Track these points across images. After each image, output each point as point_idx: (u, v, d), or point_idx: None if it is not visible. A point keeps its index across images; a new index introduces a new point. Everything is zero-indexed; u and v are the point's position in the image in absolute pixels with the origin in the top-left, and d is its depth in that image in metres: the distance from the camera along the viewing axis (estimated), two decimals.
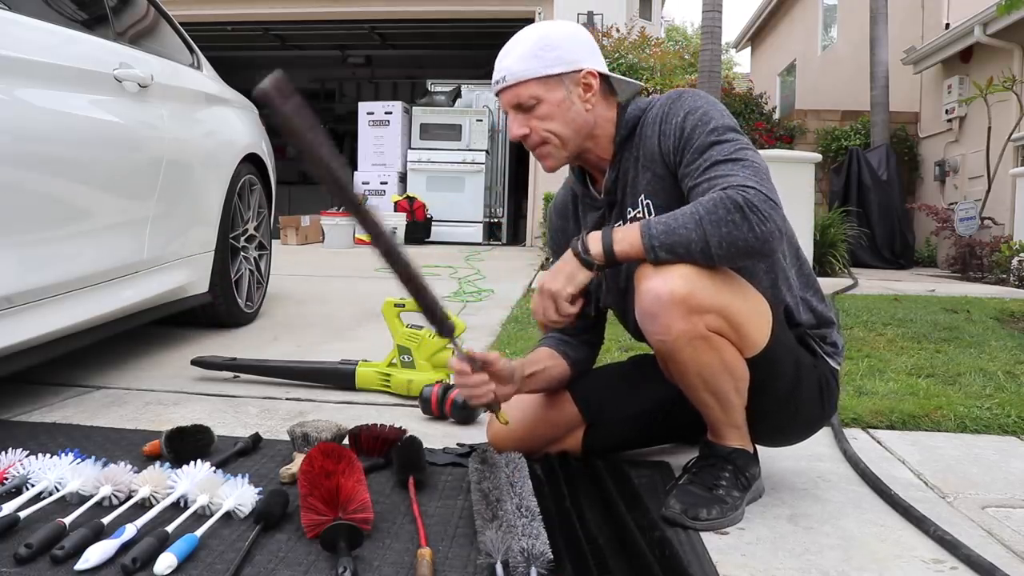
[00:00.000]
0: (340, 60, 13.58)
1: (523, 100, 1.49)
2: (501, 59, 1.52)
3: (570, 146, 1.53)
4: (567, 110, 1.50)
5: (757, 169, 1.37)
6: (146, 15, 3.05)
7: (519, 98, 1.50)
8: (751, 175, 1.34)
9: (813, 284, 1.60)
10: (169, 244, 2.81)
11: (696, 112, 1.45)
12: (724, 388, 1.43)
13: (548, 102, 1.49)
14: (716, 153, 1.39)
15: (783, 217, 1.34)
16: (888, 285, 5.80)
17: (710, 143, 1.41)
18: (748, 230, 1.30)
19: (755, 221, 1.30)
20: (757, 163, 1.38)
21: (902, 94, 9.51)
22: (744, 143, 1.41)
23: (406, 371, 2.37)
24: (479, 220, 10.11)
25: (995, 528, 1.47)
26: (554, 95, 1.49)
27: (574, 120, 1.51)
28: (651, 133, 1.50)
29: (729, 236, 1.30)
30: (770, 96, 11.53)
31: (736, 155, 1.38)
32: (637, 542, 1.26)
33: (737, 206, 1.30)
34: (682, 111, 1.47)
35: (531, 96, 1.49)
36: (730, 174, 1.35)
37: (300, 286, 4.75)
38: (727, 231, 1.30)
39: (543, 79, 1.48)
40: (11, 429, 1.93)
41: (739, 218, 1.29)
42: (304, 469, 1.36)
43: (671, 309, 1.35)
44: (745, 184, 1.32)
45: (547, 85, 1.48)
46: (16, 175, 1.98)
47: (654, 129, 1.50)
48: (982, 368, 2.74)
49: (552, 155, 1.54)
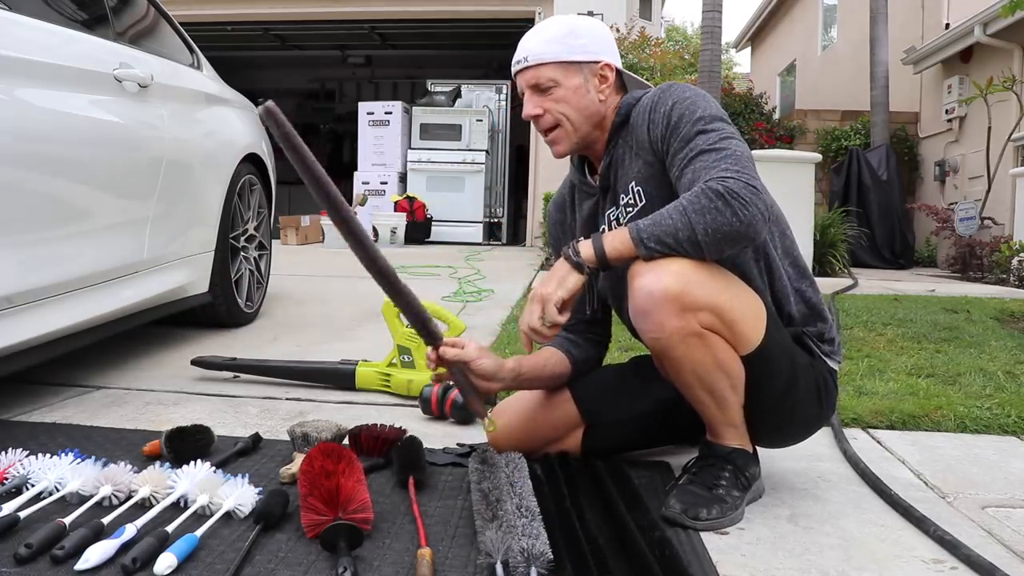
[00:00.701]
0: (340, 60, 13.58)
1: (541, 81, 1.54)
2: (525, 41, 1.57)
3: (580, 132, 1.57)
4: (582, 96, 1.55)
5: (739, 158, 1.39)
6: (146, 15, 3.05)
7: (538, 79, 1.54)
8: (732, 164, 1.37)
9: (807, 275, 1.61)
10: (169, 244, 2.81)
11: (683, 102, 1.48)
12: (719, 385, 1.44)
13: (565, 86, 1.54)
14: (701, 142, 1.42)
15: (765, 202, 1.36)
16: (888, 285, 5.80)
17: (695, 132, 1.44)
18: (732, 215, 1.32)
19: (737, 207, 1.32)
20: (739, 152, 1.40)
21: (902, 94, 9.51)
22: (728, 132, 1.44)
23: (406, 371, 2.37)
24: (479, 220, 10.11)
25: (995, 528, 1.47)
26: (571, 80, 1.54)
27: (587, 107, 1.56)
28: (641, 121, 1.54)
29: (714, 223, 1.33)
30: (770, 96, 11.54)
31: (719, 144, 1.41)
32: (637, 542, 1.26)
33: (719, 194, 1.33)
34: (670, 100, 1.50)
35: (550, 78, 1.53)
36: (713, 165, 1.38)
37: (300, 286, 4.75)
38: (711, 218, 1.32)
39: (563, 64, 1.53)
40: (11, 429, 1.93)
41: (722, 204, 1.32)
42: (304, 469, 1.36)
43: (664, 306, 1.36)
44: (725, 174, 1.35)
45: (566, 70, 1.53)
46: (16, 175, 1.98)
47: (644, 118, 1.53)
48: (982, 368, 2.74)
49: (562, 139, 1.58)
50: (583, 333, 1.73)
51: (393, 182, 10.18)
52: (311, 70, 14.31)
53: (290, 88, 14.64)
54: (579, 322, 1.71)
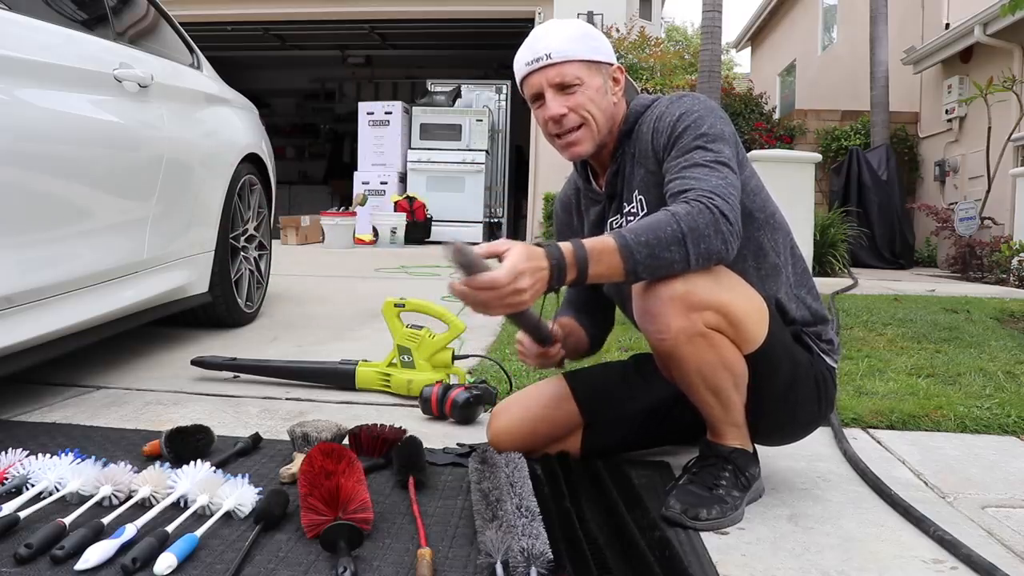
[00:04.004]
0: (340, 60, 13.60)
1: (567, 79, 1.50)
2: (541, 39, 1.52)
3: (601, 132, 1.55)
4: (603, 97, 1.54)
5: (728, 183, 1.39)
6: (146, 15, 3.05)
7: (563, 76, 1.50)
8: (721, 186, 1.37)
9: (808, 282, 1.61)
10: (169, 244, 2.81)
11: (691, 115, 1.48)
12: (724, 385, 1.44)
13: (589, 86, 1.52)
14: (698, 157, 1.42)
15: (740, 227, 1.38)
16: (888, 285, 5.80)
17: (695, 146, 1.44)
18: (722, 242, 1.34)
19: (726, 232, 1.34)
20: (729, 179, 1.41)
21: (902, 94, 9.51)
22: (725, 157, 1.43)
23: (406, 371, 2.37)
24: (479, 220, 10.12)
25: (995, 528, 1.47)
26: (594, 80, 1.53)
27: (607, 108, 1.55)
28: (647, 130, 1.54)
29: (707, 251, 1.33)
30: (770, 96, 11.54)
31: (713, 163, 1.41)
32: (637, 542, 1.26)
33: (712, 219, 1.33)
34: (678, 111, 1.49)
35: (576, 76, 1.50)
36: (704, 178, 1.38)
37: (300, 286, 4.75)
38: (705, 247, 1.33)
39: (588, 63, 1.52)
40: (11, 429, 1.93)
41: (713, 232, 1.33)
42: (304, 469, 1.36)
43: (669, 307, 1.36)
44: (714, 192, 1.35)
45: (590, 69, 1.52)
46: (16, 175, 1.98)
47: (650, 126, 1.53)
48: (982, 368, 2.74)
49: (585, 139, 1.54)
50: (593, 314, 1.78)
51: (393, 182, 10.19)
52: (311, 70, 14.32)
53: (290, 88, 14.66)
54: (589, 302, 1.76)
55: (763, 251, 1.52)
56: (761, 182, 1.58)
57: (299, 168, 14.90)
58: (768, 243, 1.53)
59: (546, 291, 1.32)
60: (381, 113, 10.38)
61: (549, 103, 1.52)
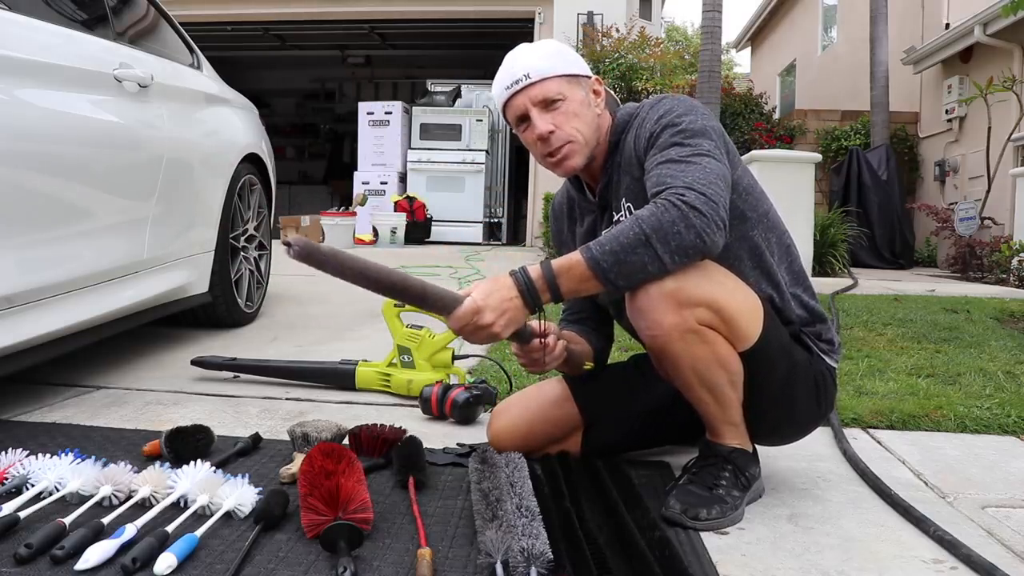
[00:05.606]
0: (340, 60, 13.59)
1: (550, 95, 1.50)
2: (517, 60, 1.52)
3: (590, 144, 1.55)
4: (587, 109, 1.54)
5: (706, 172, 1.36)
6: (146, 15, 3.05)
7: (546, 93, 1.50)
8: (697, 178, 1.35)
9: (804, 280, 1.61)
10: (169, 244, 2.81)
11: (670, 114, 1.48)
12: (719, 382, 1.44)
13: (572, 100, 1.52)
14: (673, 153, 1.41)
15: (722, 215, 1.34)
16: (888, 285, 5.80)
17: (672, 143, 1.43)
18: (695, 236, 1.31)
19: (698, 224, 1.31)
20: (709, 167, 1.38)
21: (902, 94, 9.52)
22: (705, 148, 1.41)
23: (406, 371, 2.37)
24: (479, 220, 10.11)
25: (995, 528, 1.47)
26: (576, 93, 1.53)
27: (592, 120, 1.55)
28: (630, 138, 1.54)
29: (679, 247, 1.31)
30: (770, 96, 11.53)
31: (690, 158, 1.39)
32: (637, 542, 1.26)
33: (680, 214, 1.30)
34: (656, 114, 1.50)
35: (558, 92, 1.50)
36: (677, 174, 1.36)
37: (300, 286, 4.75)
38: (676, 243, 1.31)
39: (568, 77, 1.52)
40: (11, 429, 1.93)
41: (683, 226, 1.30)
42: (304, 469, 1.36)
43: (661, 303, 1.36)
44: (685, 187, 1.33)
45: (570, 83, 1.52)
46: (16, 175, 1.98)
47: (632, 134, 1.54)
48: (982, 368, 2.74)
49: (575, 152, 1.53)
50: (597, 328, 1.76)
51: (393, 182, 10.19)
52: (311, 70, 14.31)
53: (290, 88, 14.66)
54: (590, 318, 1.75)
55: (757, 250, 1.52)
56: (754, 180, 1.56)
57: (299, 168, 14.90)
58: (762, 242, 1.53)
59: (531, 313, 1.39)
60: (381, 113, 10.38)
61: (536, 121, 1.51)
